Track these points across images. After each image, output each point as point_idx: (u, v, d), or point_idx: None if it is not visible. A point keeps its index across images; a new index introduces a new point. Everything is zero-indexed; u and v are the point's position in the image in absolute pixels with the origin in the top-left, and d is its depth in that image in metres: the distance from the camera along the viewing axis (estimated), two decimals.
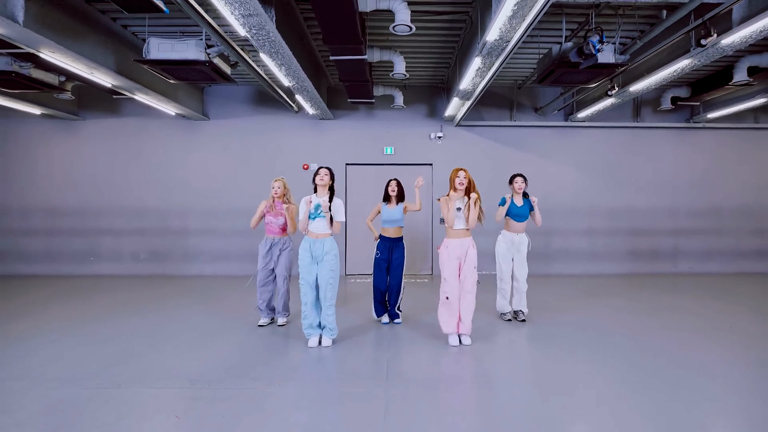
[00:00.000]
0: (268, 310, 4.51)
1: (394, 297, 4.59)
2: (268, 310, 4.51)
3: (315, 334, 3.89)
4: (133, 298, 5.79)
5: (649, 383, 3.06)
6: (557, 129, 8.03)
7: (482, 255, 4.69)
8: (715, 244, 8.14)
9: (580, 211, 7.97)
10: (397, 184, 4.65)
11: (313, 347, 3.81)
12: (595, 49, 4.34)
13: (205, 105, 7.80)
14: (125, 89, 5.69)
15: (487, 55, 4.47)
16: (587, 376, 3.22)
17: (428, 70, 7.07)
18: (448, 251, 3.90)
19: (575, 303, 5.52)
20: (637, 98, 7.88)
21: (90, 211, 7.68)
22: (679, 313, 5.02)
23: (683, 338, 4.08)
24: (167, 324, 4.55)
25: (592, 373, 3.28)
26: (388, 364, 3.44)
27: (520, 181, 4.67)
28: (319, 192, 3.87)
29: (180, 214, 7.74)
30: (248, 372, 3.26)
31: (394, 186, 4.63)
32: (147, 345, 3.85)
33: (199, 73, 4.84)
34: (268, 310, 4.51)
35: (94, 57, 4.66)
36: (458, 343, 3.90)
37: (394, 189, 4.61)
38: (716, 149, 8.19)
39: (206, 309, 5.17)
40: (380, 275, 4.54)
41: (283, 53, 4.41)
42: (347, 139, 7.87)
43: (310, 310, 3.84)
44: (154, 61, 4.52)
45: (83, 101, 7.59)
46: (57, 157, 7.70)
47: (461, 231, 3.90)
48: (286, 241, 4.45)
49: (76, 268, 7.58)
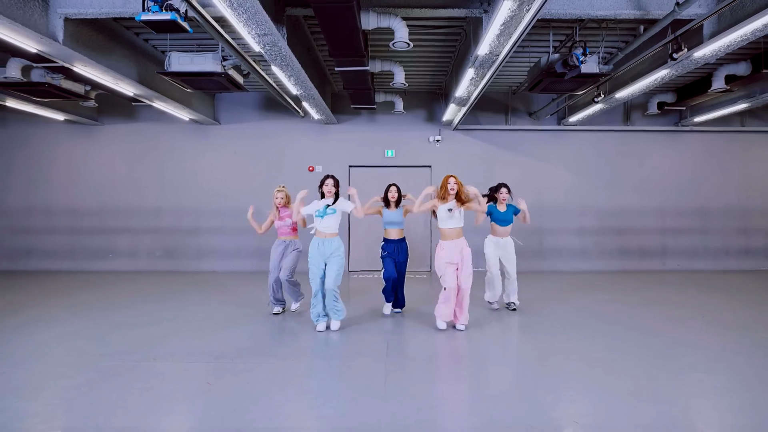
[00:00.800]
0: (280, 301, 4.91)
1: (401, 289, 5.01)
2: (280, 301, 4.91)
3: (323, 320, 4.30)
4: (152, 290, 6.23)
5: (632, 360, 3.47)
6: (550, 132, 8.42)
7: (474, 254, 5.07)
8: (702, 242, 8.49)
9: (571, 211, 8.36)
10: (397, 190, 4.90)
11: (321, 331, 4.23)
12: (578, 61, 4.76)
13: (216, 110, 8.25)
14: (145, 97, 6.14)
15: (480, 67, 4.89)
16: (572, 354, 3.64)
17: (427, 78, 7.50)
18: (443, 253, 4.24)
19: (564, 296, 5.92)
20: (626, 103, 8.27)
21: (108, 211, 8.15)
22: (662, 304, 5.42)
23: (663, 323, 4.49)
24: (186, 312, 4.99)
25: (577, 351, 3.70)
26: (388, 345, 3.86)
27: (504, 192, 5.00)
28: (326, 199, 4.30)
29: (192, 214, 8.18)
30: (265, 350, 3.70)
31: (394, 192, 4.87)
32: (170, 329, 4.28)
33: (215, 83, 5.28)
34: (280, 301, 4.91)
35: (120, 69, 5.11)
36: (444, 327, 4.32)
37: (394, 195, 4.86)
38: (703, 151, 8.55)
39: (221, 300, 5.60)
40: (390, 266, 4.78)
41: (293, 66, 4.85)
42: (350, 143, 8.29)
43: (319, 300, 4.26)
44: (174, 74, 4.96)
45: (103, 108, 8.04)
46: (78, 160, 8.17)
47: (454, 231, 4.27)
48: (297, 243, 4.85)
49: (96, 265, 8.04)
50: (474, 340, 4.03)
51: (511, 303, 5.10)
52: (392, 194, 4.86)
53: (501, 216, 4.98)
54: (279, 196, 4.79)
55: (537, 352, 3.71)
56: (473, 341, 4.01)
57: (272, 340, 4.00)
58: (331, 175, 4.32)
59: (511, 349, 3.90)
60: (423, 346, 3.89)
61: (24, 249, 8.09)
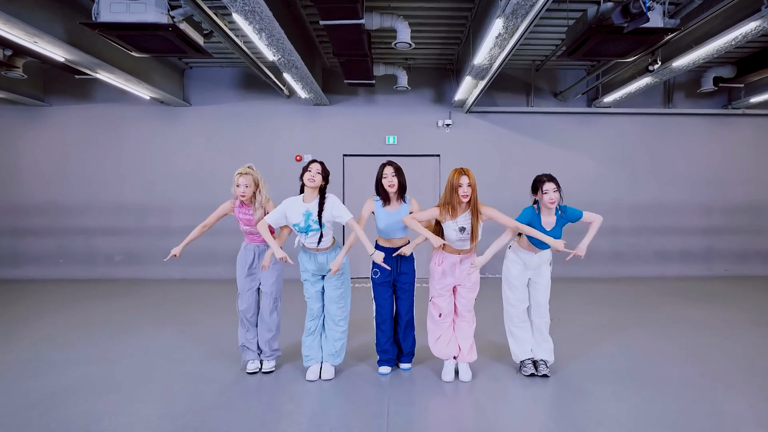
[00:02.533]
0: (256, 350, 3.21)
1: (405, 332, 3.23)
2: (256, 350, 3.21)
3: (316, 360, 3.13)
4: (103, 309, 5.01)
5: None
6: (579, 116, 7.23)
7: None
8: (752, 244, 7.35)
9: (602, 207, 7.00)
10: (395, 172, 3.03)
11: (313, 381, 3.05)
12: (645, 7, 3.52)
13: (185, 89, 7.00)
14: (83, 65, 4.89)
15: (512, 16, 3.64)
16: None
17: (436, 48, 6.25)
18: (442, 267, 3.02)
19: (600, 318, 4.71)
20: (668, 81, 7.05)
21: (59, 208, 6.92)
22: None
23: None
24: (139, 349, 3.77)
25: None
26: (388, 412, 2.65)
27: (552, 190, 2.89)
28: (307, 196, 2.93)
29: (160, 211, 6.98)
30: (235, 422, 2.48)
31: (391, 178, 3.01)
32: (108, 385, 3.07)
33: (164, 41, 4.03)
34: (256, 350, 3.21)
35: (36, 22, 3.87)
36: (453, 378, 3.06)
37: (392, 183, 3.01)
38: (756, 138, 7.38)
39: (189, 323, 4.42)
40: (386, 300, 3.15)
41: (262, 13, 3.61)
42: (345, 127, 7.07)
43: (317, 330, 3.14)
44: (105, 25, 3.71)
45: (48, 85, 6.80)
46: (21, 148, 6.92)
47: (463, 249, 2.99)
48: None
49: (44, 272, 6.82)
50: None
51: (541, 363, 3.16)
52: (389, 181, 3.01)
53: (544, 231, 2.97)
54: (241, 185, 3.01)
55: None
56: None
57: (246, 403, 2.79)
58: (318, 160, 2.98)
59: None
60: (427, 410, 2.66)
61: None
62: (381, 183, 3.05)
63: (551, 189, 2.87)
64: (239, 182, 3.00)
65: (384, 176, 3.03)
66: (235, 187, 3.01)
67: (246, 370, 3.16)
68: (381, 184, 3.05)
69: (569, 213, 3.01)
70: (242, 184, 2.99)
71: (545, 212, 2.97)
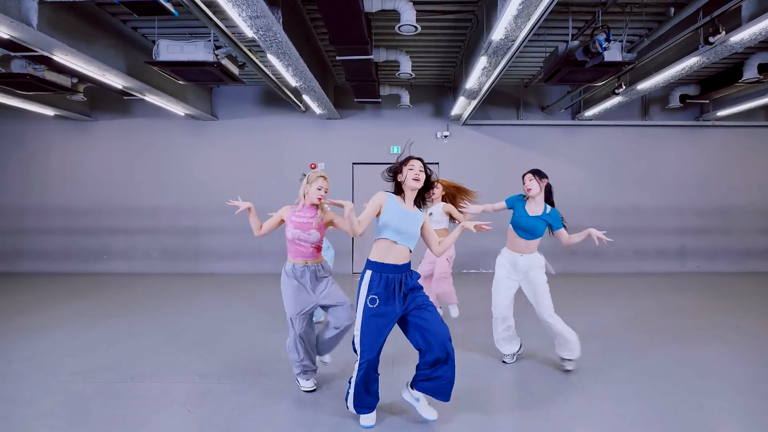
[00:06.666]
0: (312, 368, 2.97)
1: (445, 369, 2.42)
2: (312, 368, 2.97)
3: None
4: (144, 295, 5.90)
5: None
6: (564, 128, 8.01)
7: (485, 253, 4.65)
8: (722, 243, 8.06)
9: (585, 210, 7.92)
10: (423, 167, 2.52)
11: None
12: (601, 48, 4.34)
13: (213, 105, 7.89)
14: (135, 90, 5.79)
15: (493, 54, 4.49)
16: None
17: (434, 70, 7.10)
18: None
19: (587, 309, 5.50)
20: (645, 96, 7.83)
21: (103, 210, 7.82)
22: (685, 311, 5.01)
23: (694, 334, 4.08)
24: (178, 321, 4.64)
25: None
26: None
27: (528, 179, 3.22)
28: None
29: (190, 213, 7.84)
30: (256, 369, 3.33)
31: (418, 171, 2.47)
32: (158, 341, 3.94)
33: (208, 74, 4.91)
34: (312, 368, 2.97)
35: (106, 59, 4.76)
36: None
37: (418, 176, 2.47)
38: (724, 147, 8.10)
39: (217, 306, 5.27)
40: (374, 337, 2.37)
41: (290, 54, 4.47)
42: (354, 138, 7.91)
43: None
44: (163, 63, 4.61)
45: (95, 102, 7.71)
46: (70, 158, 7.84)
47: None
48: (327, 266, 3.01)
49: (90, 266, 7.72)
50: None
51: (564, 360, 3.24)
52: (416, 175, 2.46)
53: (524, 223, 3.18)
54: (323, 187, 2.89)
55: None
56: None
57: (266, 356, 3.63)
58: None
59: None
60: None
61: (15, 250, 7.78)
62: (408, 176, 2.46)
63: (528, 179, 3.25)
64: (321, 185, 2.88)
65: (410, 168, 2.47)
66: (316, 189, 2.86)
67: (303, 388, 2.92)
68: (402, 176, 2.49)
69: (551, 216, 3.23)
70: (324, 187, 2.88)
71: (531, 202, 3.26)
